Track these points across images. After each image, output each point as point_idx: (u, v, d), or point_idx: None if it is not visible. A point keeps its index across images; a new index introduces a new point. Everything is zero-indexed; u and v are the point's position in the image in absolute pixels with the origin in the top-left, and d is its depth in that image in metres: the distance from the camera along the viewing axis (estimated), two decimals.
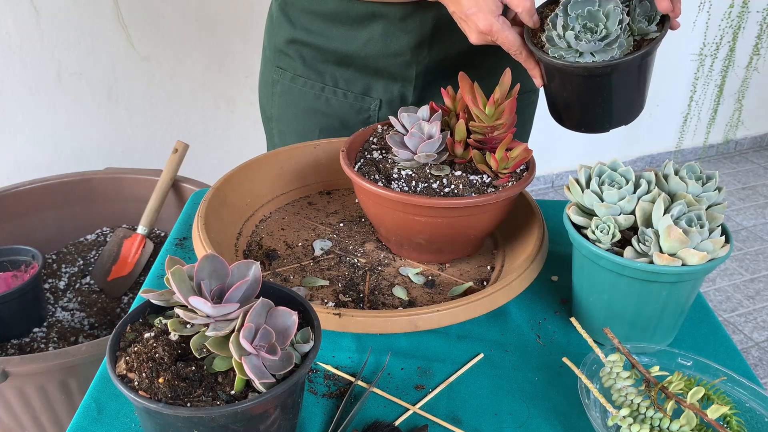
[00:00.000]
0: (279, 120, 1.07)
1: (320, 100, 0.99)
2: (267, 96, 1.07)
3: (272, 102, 1.06)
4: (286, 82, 1.02)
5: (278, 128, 1.08)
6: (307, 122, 1.02)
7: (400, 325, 0.65)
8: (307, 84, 1.00)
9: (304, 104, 1.02)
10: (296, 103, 1.02)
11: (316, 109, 1.00)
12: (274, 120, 1.08)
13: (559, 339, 0.71)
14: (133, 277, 1.55)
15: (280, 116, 1.06)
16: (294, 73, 1.00)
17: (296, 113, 1.03)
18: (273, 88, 1.05)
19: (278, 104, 1.05)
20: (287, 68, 1.01)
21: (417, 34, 0.91)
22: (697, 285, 0.65)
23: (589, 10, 0.72)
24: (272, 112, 1.07)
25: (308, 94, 1.00)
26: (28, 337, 1.36)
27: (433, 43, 0.92)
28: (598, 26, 0.71)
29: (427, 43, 0.92)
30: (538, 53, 0.74)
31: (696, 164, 0.68)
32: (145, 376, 0.49)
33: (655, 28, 0.73)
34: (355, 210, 0.92)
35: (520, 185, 0.74)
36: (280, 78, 1.03)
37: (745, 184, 2.99)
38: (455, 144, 0.77)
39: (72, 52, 1.78)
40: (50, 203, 1.60)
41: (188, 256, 0.83)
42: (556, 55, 0.73)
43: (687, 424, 0.52)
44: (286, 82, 1.02)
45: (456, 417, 0.61)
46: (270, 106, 1.07)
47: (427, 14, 0.89)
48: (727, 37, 2.69)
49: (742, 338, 2.07)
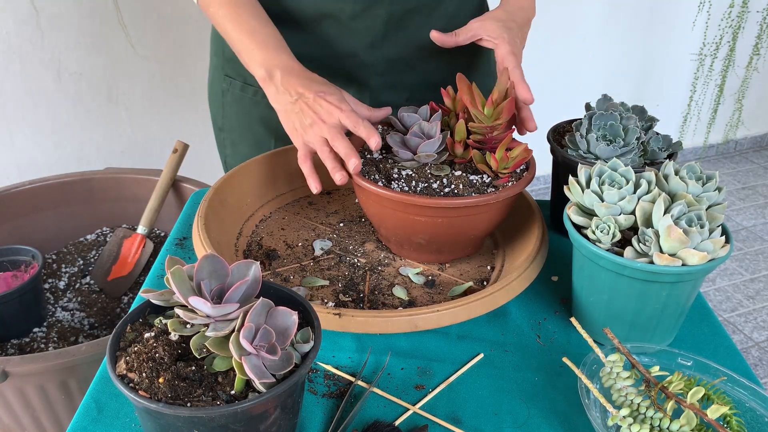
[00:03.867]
0: (231, 130, 1.02)
1: (273, 110, 0.92)
2: (217, 106, 1.03)
3: (223, 112, 1.02)
4: (236, 91, 0.98)
5: (230, 138, 1.03)
6: (261, 132, 0.99)
7: (400, 325, 0.65)
8: (258, 93, 0.95)
9: (256, 114, 0.97)
10: (248, 113, 0.98)
11: (270, 117, 0.94)
12: (225, 130, 1.04)
13: (559, 339, 0.71)
14: (133, 277, 1.55)
15: (232, 126, 1.02)
16: (244, 82, 0.96)
17: (249, 123, 0.99)
18: (223, 98, 1.00)
19: (229, 114, 1.01)
20: (236, 76, 0.97)
21: (368, 34, 0.88)
22: (697, 285, 0.65)
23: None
24: (223, 122, 1.03)
25: (260, 103, 0.96)
26: (28, 337, 1.36)
27: (386, 43, 0.90)
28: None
29: (380, 43, 0.90)
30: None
31: (696, 164, 0.68)
32: (145, 376, 0.49)
33: (665, 155, 0.79)
34: (355, 210, 0.92)
35: (520, 185, 0.74)
36: (229, 87, 0.98)
37: (745, 184, 2.99)
38: (455, 144, 0.76)
39: (72, 52, 1.78)
40: (50, 203, 1.60)
41: (188, 256, 0.83)
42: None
43: (687, 424, 0.52)
44: (236, 91, 0.98)
45: (456, 417, 0.61)
46: (221, 117, 1.03)
47: (377, 13, 0.87)
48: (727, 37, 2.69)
49: (742, 338, 2.07)
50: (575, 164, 0.74)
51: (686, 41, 2.73)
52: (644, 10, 2.62)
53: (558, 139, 0.85)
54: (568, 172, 0.72)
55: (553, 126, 0.88)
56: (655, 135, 0.80)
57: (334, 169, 0.74)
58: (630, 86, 2.81)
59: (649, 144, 0.79)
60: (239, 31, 0.81)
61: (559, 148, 0.82)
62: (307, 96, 0.76)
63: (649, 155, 0.80)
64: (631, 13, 2.60)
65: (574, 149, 0.81)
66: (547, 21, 2.43)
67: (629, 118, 0.79)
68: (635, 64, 2.75)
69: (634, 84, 2.82)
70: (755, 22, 2.70)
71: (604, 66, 2.68)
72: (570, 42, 2.55)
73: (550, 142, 0.84)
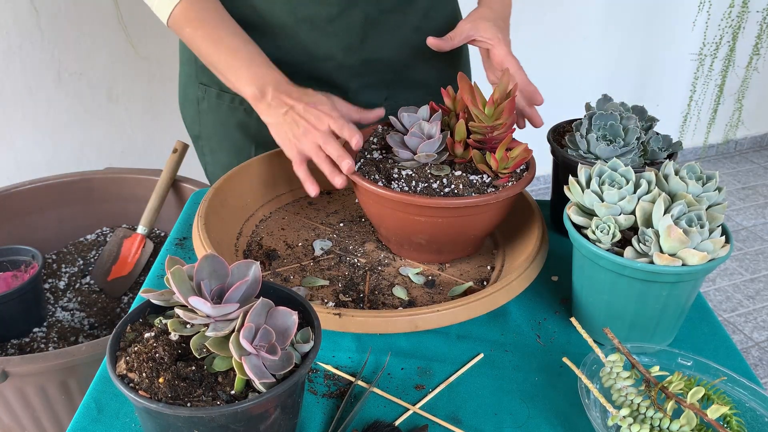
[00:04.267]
0: (209, 138, 1.01)
1: (251, 117, 0.92)
2: (192, 115, 1.01)
3: (198, 120, 1.00)
4: (212, 99, 0.96)
5: (209, 146, 1.02)
6: (239, 138, 0.97)
7: (400, 325, 0.65)
8: (235, 100, 0.94)
9: (234, 120, 0.96)
10: (225, 121, 0.97)
11: (248, 125, 0.95)
12: (203, 138, 1.02)
13: (559, 339, 0.71)
14: (133, 277, 1.55)
15: (210, 134, 1.00)
16: (219, 89, 0.94)
17: (227, 131, 0.98)
18: (198, 106, 0.99)
19: (205, 122, 0.99)
20: (211, 84, 0.95)
21: (345, 37, 0.88)
22: (697, 285, 0.65)
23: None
24: (200, 130, 1.01)
25: (238, 109, 0.95)
26: (28, 337, 1.36)
27: (363, 44, 0.89)
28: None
29: (357, 45, 0.89)
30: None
31: (696, 164, 0.68)
32: (145, 376, 0.49)
33: (665, 155, 0.80)
34: (355, 210, 0.92)
35: (520, 185, 0.74)
36: (204, 95, 0.97)
37: (745, 184, 2.99)
38: (455, 144, 0.76)
39: (72, 52, 1.78)
40: (50, 203, 1.60)
41: (188, 256, 0.82)
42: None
43: (687, 424, 0.52)
44: (212, 99, 0.96)
45: (456, 417, 0.61)
46: (197, 125, 1.01)
47: (353, 15, 0.86)
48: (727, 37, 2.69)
49: (742, 338, 2.07)
50: (575, 164, 0.74)
51: (686, 41, 2.73)
52: (644, 10, 2.62)
53: (558, 139, 0.85)
54: (568, 172, 0.72)
55: (553, 126, 0.88)
56: (655, 135, 0.80)
57: (332, 173, 0.76)
58: (630, 86, 2.81)
59: (649, 144, 0.79)
60: (220, 51, 0.81)
61: (559, 148, 0.82)
62: (298, 107, 0.78)
63: (649, 155, 0.80)
64: (631, 13, 2.60)
65: (574, 149, 0.81)
66: (547, 21, 2.43)
67: (629, 118, 0.79)
68: (635, 64, 2.75)
69: (634, 84, 2.82)
70: (755, 22, 2.69)
71: (604, 66, 2.68)
72: (570, 42, 2.54)
73: (550, 142, 0.84)
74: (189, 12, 0.81)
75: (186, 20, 0.82)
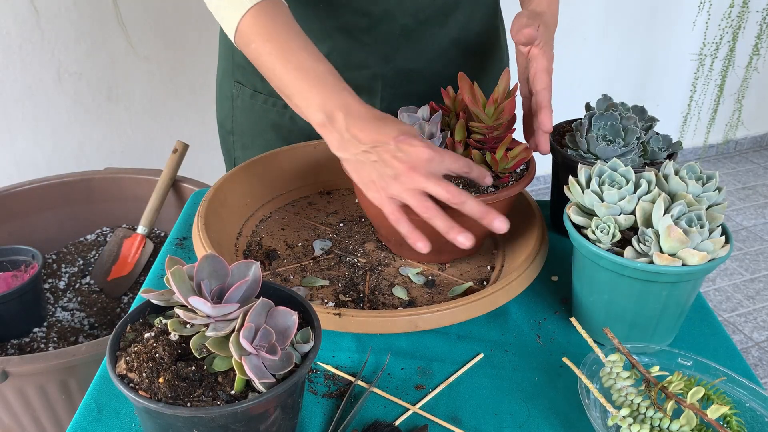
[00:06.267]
0: (242, 134, 1.01)
1: (284, 117, 0.93)
2: (226, 110, 1.01)
3: (233, 116, 1.00)
4: (245, 98, 0.96)
5: (241, 142, 1.02)
6: (272, 138, 0.98)
7: (400, 325, 0.65)
8: (268, 101, 0.94)
9: (267, 120, 0.96)
10: (259, 120, 0.97)
11: (281, 125, 0.95)
12: (235, 134, 1.02)
13: (559, 339, 0.71)
14: (133, 277, 1.55)
15: (244, 131, 1.01)
16: (254, 89, 0.95)
17: (260, 129, 0.98)
18: (233, 103, 0.99)
19: (239, 119, 1.00)
20: (246, 83, 0.95)
21: (382, 47, 0.87)
22: (697, 285, 0.65)
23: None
24: (232, 126, 1.01)
25: (271, 111, 0.95)
26: (28, 337, 1.36)
27: (398, 55, 0.89)
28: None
29: (393, 55, 0.89)
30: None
31: (696, 164, 0.68)
32: (145, 376, 0.49)
33: (665, 155, 0.79)
34: (355, 210, 0.92)
35: (520, 185, 0.74)
36: (239, 93, 0.97)
37: (745, 184, 2.99)
38: (455, 144, 0.76)
39: (72, 52, 1.78)
40: (50, 203, 1.60)
41: (188, 256, 0.83)
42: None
43: (687, 424, 0.52)
44: (245, 98, 0.96)
45: (456, 417, 0.61)
46: (230, 121, 1.01)
47: (390, 26, 0.86)
48: (727, 37, 2.69)
49: (742, 338, 2.07)
50: (575, 164, 0.74)
51: (686, 41, 2.73)
52: (644, 10, 2.62)
53: (558, 139, 0.85)
54: (568, 172, 0.72)
55: (553, 126, 0.88)
56: (655, 135, 0.80)
57: (451, 229, 0.65)
58: (630, 86, 2.81)
59: (649, 144, 0.79)
60: (289, 70, 0.69)
61: (559, 148, 0.82)
62: (387, 143, 0.64)
63: (649, 155, 0.80)
64: (631, 13, 2.60)
65: (574, 149, 0.81)
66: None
67: (629, 118, 0.79)
68: (635, 64, 2.75)
69: (634, 84, 2.82)
70: (755, 22, 2.70)
71: (604, 66, 2.68)
72: (570, 42, 2.55)
73: (550, 142, 0.84)
74: (254, 26, 0.71)
75: (252, 35, 0.71)
